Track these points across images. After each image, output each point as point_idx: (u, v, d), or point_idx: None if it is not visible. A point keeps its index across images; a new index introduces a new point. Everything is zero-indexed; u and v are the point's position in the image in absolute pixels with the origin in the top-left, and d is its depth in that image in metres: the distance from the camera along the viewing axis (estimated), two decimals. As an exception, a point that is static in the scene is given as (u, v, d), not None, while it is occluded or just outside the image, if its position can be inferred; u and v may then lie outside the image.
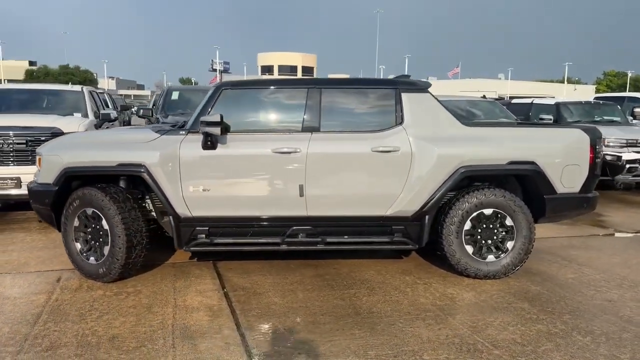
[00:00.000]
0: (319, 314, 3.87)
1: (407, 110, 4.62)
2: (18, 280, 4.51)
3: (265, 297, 4.18)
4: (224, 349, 3.29)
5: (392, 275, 4.76)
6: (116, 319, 3.72)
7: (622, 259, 5.37)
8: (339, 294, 4.26)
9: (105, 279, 4.41)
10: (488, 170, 4.60)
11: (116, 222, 4.28)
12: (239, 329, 3.60)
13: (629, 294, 4.35)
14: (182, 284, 4.45)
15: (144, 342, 3.36)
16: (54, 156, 4.48)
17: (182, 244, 4.55)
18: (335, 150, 4.51)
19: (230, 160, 4.44)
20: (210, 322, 3.70)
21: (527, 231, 4.63)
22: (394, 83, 4.73)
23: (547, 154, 4.63)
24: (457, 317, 3.84)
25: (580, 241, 6.11)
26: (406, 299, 4.19)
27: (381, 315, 3.84)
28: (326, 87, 4.63)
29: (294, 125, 4.57)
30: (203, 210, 4.49)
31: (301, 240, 4.63)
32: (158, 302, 4.04)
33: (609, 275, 4.84)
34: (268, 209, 4.54)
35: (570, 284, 4.58)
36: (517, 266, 4.67)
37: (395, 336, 3.50)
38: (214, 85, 4.79)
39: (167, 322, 3.67)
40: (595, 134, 4.79)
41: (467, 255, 4.63)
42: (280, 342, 3.40)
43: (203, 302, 4.05)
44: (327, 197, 4.53)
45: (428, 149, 4.53)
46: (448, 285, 4.52)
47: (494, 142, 4.62)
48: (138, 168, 4.36)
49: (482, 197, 4.58)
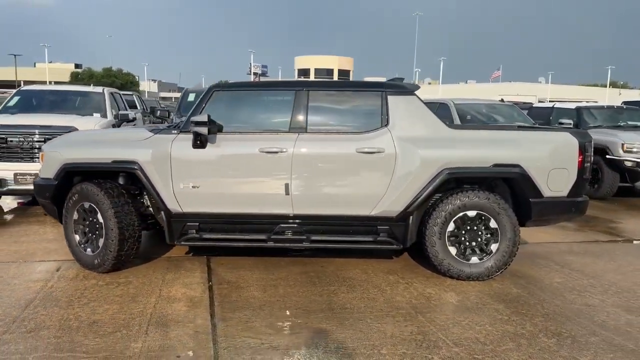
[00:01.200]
0: (293, 308, 4.00)
1: (392, 113, 4.70)
2: (21, 269, 4.81)
3: (247, 291, 4.34)
4: (192, 337, 3.46)
5: (377, 274, 4.85)
6: (101, 306, 3.95)
7: (618, 265, 5.29)
8: (319, 291, 4.38)
9: (100, 269, 4.66)
10: (472, 172, 4.64)
11: (109, 216, 4.52)
12: (213, 319, 3.77)
13: (611, 299, 4.31)
14: (171, 277, 4.66)
15: (120, 328, 3.57)
16: (55, 152, 4.77)
17: (173, 238, 4.76)
18: (321, 151, 4.63)
19: (218, 159, 4.63)
20: (187, 312, 3.88)
21: (511, 234, 4.63)
22: (381, 86, 4.82)
23: (533, 157, 4.63)
24: (427, 315, 3.90)
25: (581, 247, 6.04)
26: (383, 297, 4.27)
27: (353, 311, 3.94)
28: (313, 89, 4.77)
29: (282, 126, 4.72)
30: (193, 206, 4.68)
31: (287, 238, 4.77)
32: (144, 292, 4.26)
33: (598, 280, 4.79)
34: (255, 206, 4.70)
35: (553, 288, 4.56)
36: (500, 269, 4.68)
37: (360, 331, 3.60)
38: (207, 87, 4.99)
39: (147, 311, 3.87)
40: (585, 138, 4.76)
41: (450, 257, 4.67)
42: (249, 333, 3.55)
43: (186, 294, 4.25)
44: (312, 196, 4.66)
45: (412, 150, 4.60)
46: (429, 285, 4.57)
47: (479, 144, 4.66)
48: (131, 165, 4.60)
49: (465, 199, 4.62)
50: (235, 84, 4.92)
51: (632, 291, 4.52)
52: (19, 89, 8.89)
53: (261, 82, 4.90)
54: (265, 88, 4.88)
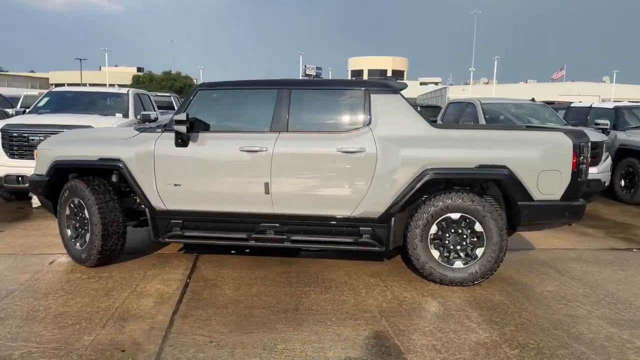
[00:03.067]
0: (258, 307, 3.97)
1: (374, 112, 4.59)
2: (18, 261, 5.03)
3: (220, 289, 4.35)
4: (145, 332, 3.50)
5: (359, 276, 4.74)
6: (74, 299, 4.07)
7: (626, 275, 4.94)
8: (292, 291, 4.33)
9: (87, 263, 4.80)
10: (455, 173, 4.46)
11: (94, 212, 4.66)
12: (174, 315, 3.80)
13: (600, 311, 4.03)
14: (153, 273, 4.74)
15: (81, 321, 3.66)
16: (47, 150, 4.97)
17: (158, 235, 4.85)
18: (301, 150, 4.59)
19: (200, 158, 4.67)
20: (153, 307, 3.93)
21: (497, 238, 4.42)
22: (364, 84, 4.72)
23: (521, 158, 4.40)
24: (391, 320, 3.78)
25: (592, 254, 5.68)
26: (355, 299, 4.17)
27: (317, 313, 3.87)
28: (296, 87, 4.73)
29: (264, 125, 4.70)
30: (176, 204, 4.75)
31: (268, 237, 4.75)
32: (120, 287, 4.35)
33: (595, 290, 4.49)
34: (236, 205, 4.70)
35: (541, 297, 4.31)
36: (486, 275, 4.47)
37: (315, 333, 3.53)
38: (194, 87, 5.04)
39: (114, 305, 3.96)
40: (581, 138, 4.48)
41: (432, 260, 4.51)
42: (203, 330, 3.55)
43: (159, 290, 4.31)
44: (292, 195, 4.61)
45: (393, 150, 4.47)
46: (409, 289, 4.43)
47: (464, 144, 4.47)
48: (116, 162, 4.72)
49: (448, 201, 4.45)
50: (219, 83, 4.95)
51: (627, 303, 4.21)
52: (49, 91, 9.33)
53: (244, 81, 4.89)
54: (249, 87, 4.88)
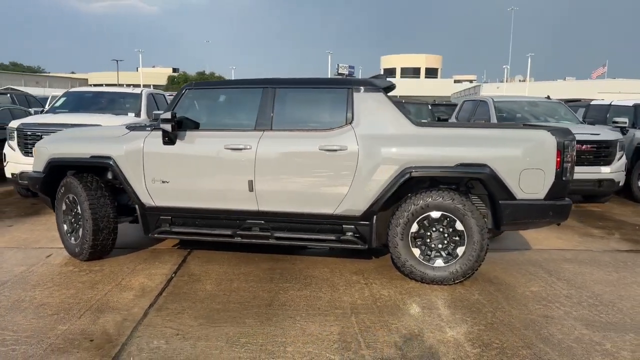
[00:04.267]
0: (233, 302, 4.05)
1: (357, 110, 4.61)
2: (17, 254, 5.26)
3: (201, 284, 4.45)
4: (117, 324, 3.62)
5: (342, 274, 4.78)
6: (59, 291, 4.24)
7: (619, 277, 4.81)
8: (271, 287, 4.40)
9: (80, 257, 4.98)
10: (434, 171, 4.44)
11: (85, 207, 4.83)
12: (150, 308, 3.92)
13: (579, 312, 3.95)
14: (142, 267, 4.88)
15: (59, 312, 3.81)
16: (43, 148, 5.17)
17: (148, 230, 4.99)
18: (284, 148, 4.64)
19: (187, 155, 4.77)
20: (131, 300, 4.06)
21: (478, 237, 4.38)
22: (347, 82, 4.74)
23: (502, 157, 4.35)
24: (361, 316, 3.80)
25: (590, 255, 5.55)
26: (330, 296, 4.21)
27: (289, 309, 3.92)
28: (280, 86, 4.79)
29: (249, 124, 4.78)
30: (164, 200, 4.87)
31: (253, 234, 4.83)
32: (106, 280, 4.50)
33: (581, 292, 4.40)
34: (222, 202, 4.80)
35: (521, 297, 4.25)
36: (466, 274, 4.44)
37: (280, 328, 3.58)
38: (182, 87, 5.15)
39: (95, 298, 4.10)
40: (565, 136, 4.40)
41: (413, 258, 4.50)
42: (173, 323, 3.65)
43: (143, 284, 4.43)
44: (275, 193, 4.68)
45: (374, 148, 4.49)
46: (388, 287, 4.43)
47: (443, 142, 4.45)
48: (107, 160, 4.88)
49: (428, 199, 4.43)
50: (206, 82, 5.07)
51: (610, 305, 4.11)
52: (67, 91, 9.66)
53: (231, 80, 5.00)
54: (235, 86, 4.98)
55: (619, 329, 3.65)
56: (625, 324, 3.74)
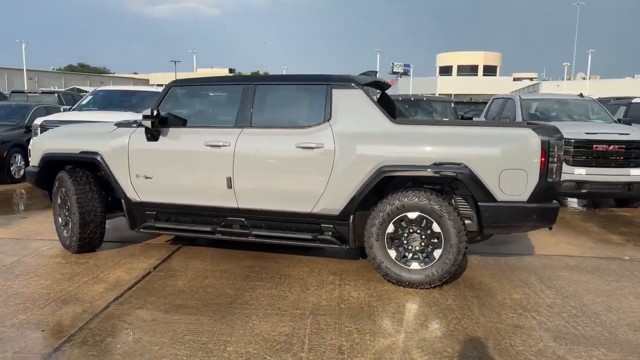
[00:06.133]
0: (196, 299, 4.04)
1: (335, 107, 4.51)
2: (17, 245, 5.48)
3: (174, 280, 4.47)
4: (75, 315, 3.68)
5: (320, 274, 4.68)
6: (38, 281, 4.37)
7: (616, 287, 4.47)
8: (242, 285, 4.36)
9: (70, 249, 5.14)
10: (409, 171, 4.27)
11: (72, 201, 4.97)
12: (114, 301, 3.97)
13: (554, 323, 3.68)
14: (126, 261, 4.97)
15: (27, 301, 3.93)
16: (39, 144, 5.36)
17: (133, 225, 5.08)
18: (261, 145, 4.60)
19: (168, 151, 4.82)
20: (100, 293, 4.12)
21: (455, 240, 4.18)
22: (326, 79, 4.64)
23: (480, 156, 4.13)
24: (319, 318, 3.70)
25: (596, 263, 5.19)
26: (297, 296, 4.12)
27: (248, 307, 3.88)
28: (260, 83, 4.75)
29: (230, 121, 4.78)
30: (149, 196, 4.94)
31: (233, 231, 4.82)
32: (85, 273, 4.61)
33: (567, 301, 4.11)
34: (203, 198, 4.81)
35: (498, 305, 4.01)
36: (443, 277, 4.25)
37: (230, 327, 3.54)
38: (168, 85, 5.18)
39: (67, 289, 4.20)
40: (551, 135, 4.12)
41: (389, 260, 4.35)
42: (128, 317, 3.67)
43: (119, 277, 4.50)
44: (253, 190, 4.65)
45: (351, 146, 4.37)
46: (361, 289, 4.30)
47: (419, 141, 4.27)
48: (94, 155, 4.99)
49: (404, 199, 4.27)
50: (190, 79, 5.09)
51: (593, 316, 3.81)
52: (93, 90, 10.02)
53: (214, 77, 4.99)
54: (217, 84, 4.98)
55: (590, 343, 3.37)
56: (600, 338, 3.45)
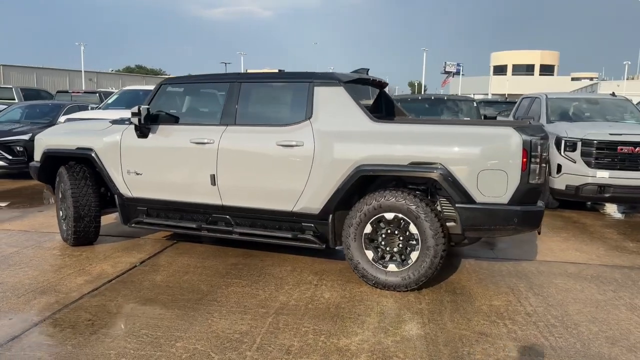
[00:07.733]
0: (167, 294, 4.08)
1: (316, 105, 4.45)
2: (22, 237, 5.71)
3: (154, 275, 4.53)
4: (46, 305, 3.79)
5: (301, 273, 4.64)
6: (26, 272, 4.54)
7: (610, 298, 4.19)
8: (218, 282, 4.37)
9: (68, 242, 5.31)
10: (385, 170, 4.16)
11: (68, 196, 5.13)
12: (88, 294, 4.06)
13: (525, 332, 3.49)
14: (117, 254, 5.09)
15: (7, 291, 4.08)
16: (40, 140, 5.56)
17: (126, 220, 5.20)
18: (243, 143, 4.61)
19: (156, 148, 4.90)
20: (78, 285, 4.23)
21: (432, 242, 4.04)
22: (308, 77, 4.58)
23: (457, 156, 3.97)
24: (280, 317, 3.65)
25: (599, 271, 4.90)
26: (269, 294, 4.10)
27: (216, 304, 3.88)
28: (245, 81, 4.75)
29: (215, 118, 4.81)
30: (139, 192, 5.04)
31: (218, 228, 4.85)
32: (73, 265, 4.74)
33: (549, 310, 3.89)
34: (189, 195, 4.86)
35: (472, 311, 3.84)
36: (420, 281, 4.11)
37: (188, 322, 3.55)
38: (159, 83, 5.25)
39: (51, 281, 4.34)
40: (534, 134, 3.91)
41: (366, 261, 4.26)
42: (95, 309, 3.75)
43: (103, 270, 4.61)
44: (236, 187, 4.66)
45: (330, 145, 4.31)
46: (336, 290, 4.23)
47: (397, 140, 4.15)
48: (89, 151, 5.14)
49: (381, 199, 4.17)
50: (179, 77, 5.15)
51: (571, 327, 3.59)
52: (121, 89, 10.33)
53: (202, 75, 5.02)
54: (206, 82, 5.01)
55: (556, 355, 3.18)
56: (569, 351, 3.25)
